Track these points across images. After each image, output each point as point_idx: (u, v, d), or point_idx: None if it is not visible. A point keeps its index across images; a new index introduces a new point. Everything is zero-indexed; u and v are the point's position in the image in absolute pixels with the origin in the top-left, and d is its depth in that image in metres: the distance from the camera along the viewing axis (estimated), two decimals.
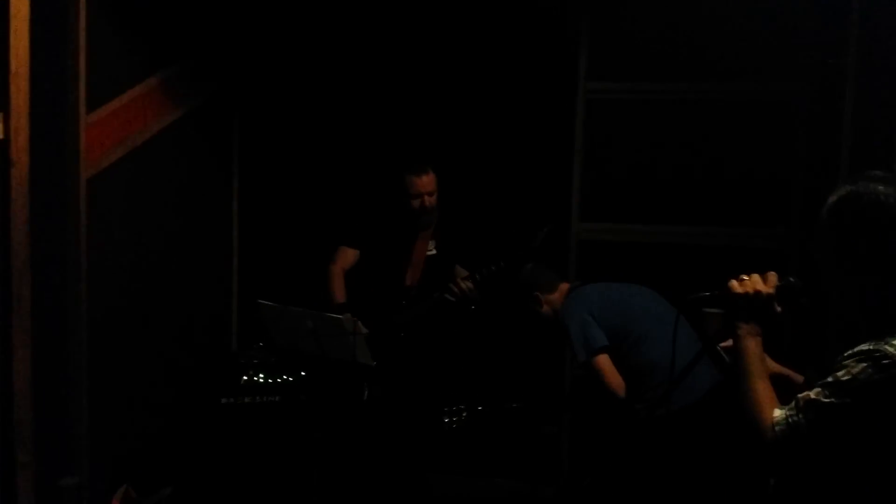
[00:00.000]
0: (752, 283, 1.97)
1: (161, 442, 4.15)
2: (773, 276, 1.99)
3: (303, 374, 4.17)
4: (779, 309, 1.97)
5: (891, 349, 1.75)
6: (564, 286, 3.67)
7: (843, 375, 1.78)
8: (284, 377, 4.16)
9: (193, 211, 4.46)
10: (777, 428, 1.83)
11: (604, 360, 3.37)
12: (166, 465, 4.13)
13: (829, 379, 1.81)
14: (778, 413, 1.85)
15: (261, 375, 4.16)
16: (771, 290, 1.97)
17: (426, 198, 4.02)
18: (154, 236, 4.13)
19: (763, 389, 1.92)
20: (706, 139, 4.40)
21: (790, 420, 1.83)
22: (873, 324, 1.83)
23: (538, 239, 3.80)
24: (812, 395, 1.82)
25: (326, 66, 4.77)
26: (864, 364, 1.76)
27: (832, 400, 1.78)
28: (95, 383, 3.71)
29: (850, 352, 1.81)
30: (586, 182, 4.52)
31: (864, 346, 1.79)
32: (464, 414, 3.66)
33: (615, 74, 4.46)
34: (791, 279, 2.00)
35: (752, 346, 1.97)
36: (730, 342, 2.06)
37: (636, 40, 4.40)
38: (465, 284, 3.88)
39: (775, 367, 2.19)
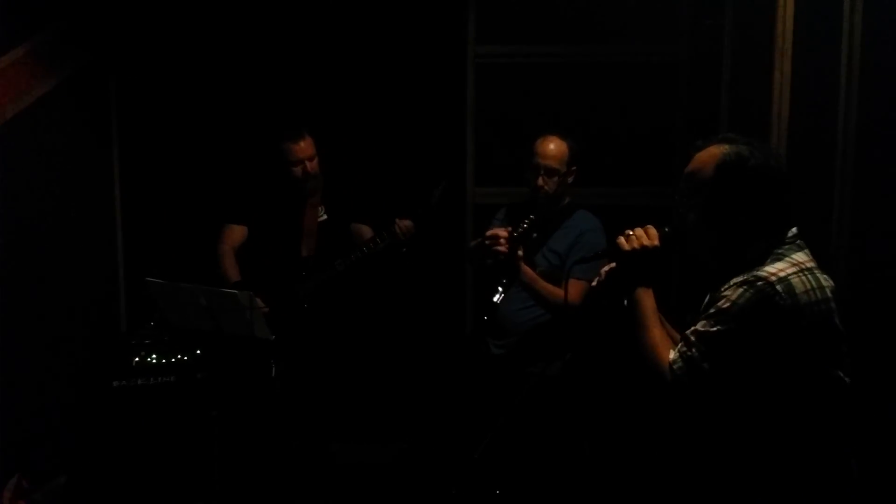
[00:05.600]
0: (638, 238, 2.06)
1: (53, 429, 3.99)
2: (653, 230, 2.10)
3: (198, 352, 4.07)
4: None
5: (763, 273, 1.90)
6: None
7: (724, 304, 1.92)
8: (179, 356, 4.05)
9: (72, 186, 4.25)
10: (675, 366, 1.95)
11: (582, 292, 3.14)
12: (59, 454, 3.98)
13: (712, 310, 1.94)
14: (672, 353, 1.97)
15: (153, 356, 4.04)
16: (656, 243, 2.06)
17: (307, 163, 3.93)
18: (30, 214, 3.92)
19: (659, 336, 2.03)
20: (593, 101, 4.51)
21: (685, 356, 1.94)
22: (732, 268, 1.97)
23: (435, 196, 3.81)
24: (699, 327, 1.95)
25: (204, 31, 4.59)
26: (742, 289, 1.90)
27: (718, 328, 1.91)
28: None
29: (725, 285, 1.95)
30: (479, 146, 4.56)
31: (738, 278, 1.93)
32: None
33: (503, 37, 4.50)
34: (666, 229, 2.10)
35: (645, 297, 2.08)
36: None
37: (523, 3, 4.44)
38: (405, 224, 3.84)
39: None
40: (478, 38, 4.47)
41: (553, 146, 3.36)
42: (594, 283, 2.29)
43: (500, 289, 3.21)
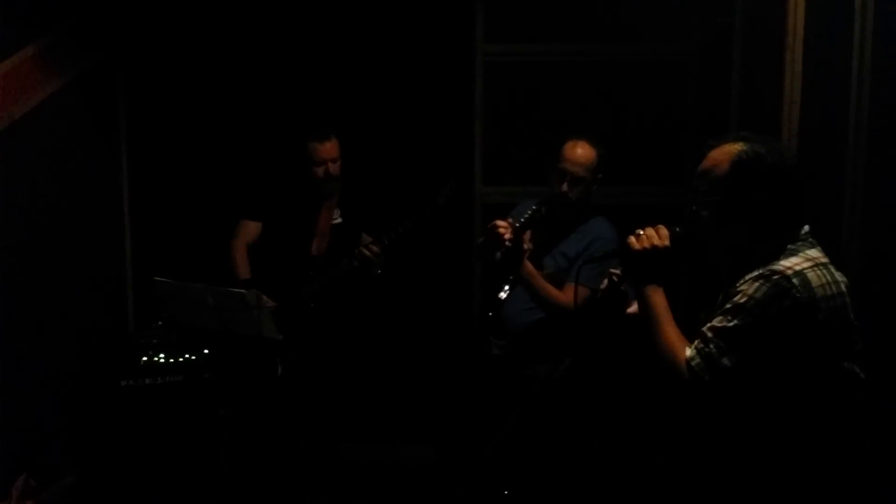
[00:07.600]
0: (649, 237, 2.04)
1: (61, 428, 3.99)
2: (664, 229, 2.08)
3: (206, 351, 4.06)
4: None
5: (778, 267, 1.90)
6: None
7: (740, 298, 1.90)
8: (187, 356, 4.05)
9: (81, 185, 4.25)
10: (693, 363, 1.93)
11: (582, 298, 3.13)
12: (67, 453, 3.99)
13: (728, 305, 1.92)
14: (689, 351, 1.95)
15: (161, 355, 4.03)
16: (667, 243, 2.05)
17: (330, 165, 3.93)
18: (38, 213, 3.92)
19: (674, 334, 2.01)
20: (602, 100, 4.49)
21: (703, 352, 1.92)
22: (745, 265, 1.96)
23: (443, 196, 3.80)
24: (716, 323, 1.93)
25: (209, 28, 4.57)
26: (758, 283, 1.89)
27: (736, 322, 1.90)
28: None
29: (740, 281, 1.94)
30: (487, 145, 4.55)
31: (752, 273, 1.92)
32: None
33: (512, 36, 4.48)
34: (677, 229, 2.09)
35: (657, 297, 2.06)
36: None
37: (531, 2, 4.42)
38: (371, 250, 3.84)
39: None
40: (486, 37, 4.46)
41: (581, 151, 3.27)
42: (602, 287, 2.28)
43: (506, 286, 3.19)
